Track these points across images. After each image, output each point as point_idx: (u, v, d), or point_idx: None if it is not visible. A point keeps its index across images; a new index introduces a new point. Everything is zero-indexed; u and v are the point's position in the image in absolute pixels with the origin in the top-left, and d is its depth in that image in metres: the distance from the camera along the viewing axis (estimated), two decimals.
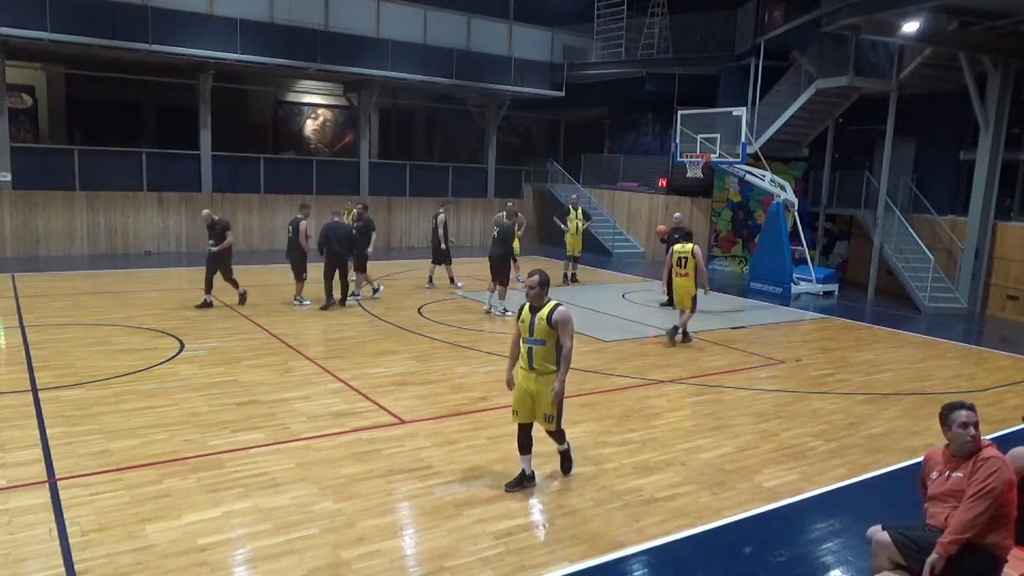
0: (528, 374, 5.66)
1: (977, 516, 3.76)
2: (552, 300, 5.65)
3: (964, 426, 3.91)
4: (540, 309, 5.59)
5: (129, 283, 14.27)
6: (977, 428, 3.91)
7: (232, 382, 8.16)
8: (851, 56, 15.88)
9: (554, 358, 5.61)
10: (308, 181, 21.02)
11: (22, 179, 17.09)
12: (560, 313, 5.53)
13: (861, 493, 6.11)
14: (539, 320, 5.55)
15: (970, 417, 3.92)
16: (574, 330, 5.68)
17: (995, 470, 3.77)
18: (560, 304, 5.59)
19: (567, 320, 5.54)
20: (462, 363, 9.42)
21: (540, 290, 5.62)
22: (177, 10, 17.02)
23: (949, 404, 4.02)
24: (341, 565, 4.55)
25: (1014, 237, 14.92)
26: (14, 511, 5.02)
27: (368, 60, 19.71)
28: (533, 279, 5.64)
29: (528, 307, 5.68)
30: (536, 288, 5.62)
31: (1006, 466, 3.79)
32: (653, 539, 5.09)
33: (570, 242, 16.45)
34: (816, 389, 9.01)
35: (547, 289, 5.71)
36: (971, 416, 3.92)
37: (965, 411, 3.94)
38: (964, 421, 3.92)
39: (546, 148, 28.73)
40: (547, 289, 5.71)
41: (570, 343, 5.56)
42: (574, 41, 23.66)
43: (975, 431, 3.91)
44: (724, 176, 19.21)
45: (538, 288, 5.62)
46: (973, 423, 3.91)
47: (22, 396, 7.40)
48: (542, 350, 5.58)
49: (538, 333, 5.56)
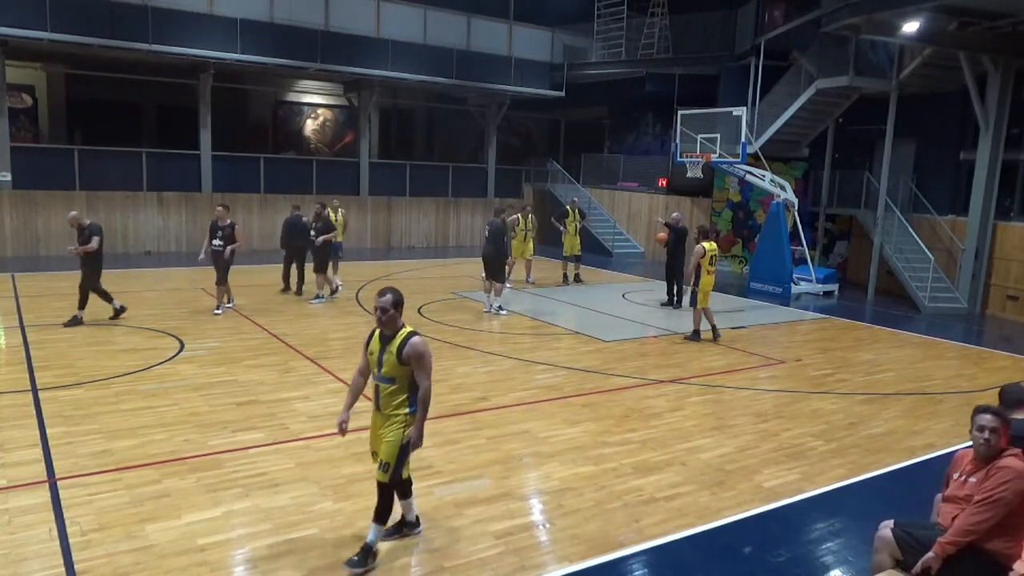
0: (376, 415, 4.66)
1: (979, 522, 3.75)
2: (406, 328, 4.55)
3: (981, 429, 3.91)
4: (392, 338, 4.52)
5: (129, 283, 14.26)
6: (996, 434, 3.89)
7: (232, 382, 8.16)
8: (851, 56, 15.87)
9: (406, 400, 4.55)
10: (308, 181, 21.02)
11: (22, 179, 17.09)
12: (413, 345, 4.44)
13: (861, 493, 6.11)
14: (388, 353, 4.49)
15: (990, 422, 3.91)
16: (431, 365, 4.57)
17: (1007, 480, 3.75)
18: (416, 333, 4.51)
19: (422, 353, 4.47)
20: (462, 363, 9.42)
21: (393, 313, 4.50)
22: (177, 10, 17.02)
23: (979, 406, 4.03)
24: (341, 565, 4.55)
25: (1014, 237, 14.92)
26: (14, 511, 5.02)
27: (368, 60, 19.71)
28: (385, 299, 4.49)
29: (378, 335, 4.61)
30: (389, 311, 4.49)
31: (1021, 478, 3.75)
32: (653, 539, 5.09)
33: (568, 243, 16.45)
34: (816, 389, 9.01)
35: (400, 312, 4.56)
36: (991, 421, 3.91)
37: (988, 416, 3.93)
38: (982, 425, 3.91)
39: (546, 148, 28.73)
40: (400, 312, 4.56)
41: (428, 382, 4.51)
42: (574, 41, 23.66)
43: (990, 436, 3.89)
44: (724, 176, 19.21)
45: (392, 311, 4.50)
46: (991, 428, 3.89)
47: (22, 396, 7.40)
48: (391, 389, 4.54)
49: (387, 368, 4.50)
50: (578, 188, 23.85)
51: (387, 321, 4.50)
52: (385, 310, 4.48)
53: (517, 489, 5.79)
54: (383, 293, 4.52)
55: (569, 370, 9.27)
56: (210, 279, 11.97)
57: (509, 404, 7.84)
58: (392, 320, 4.51)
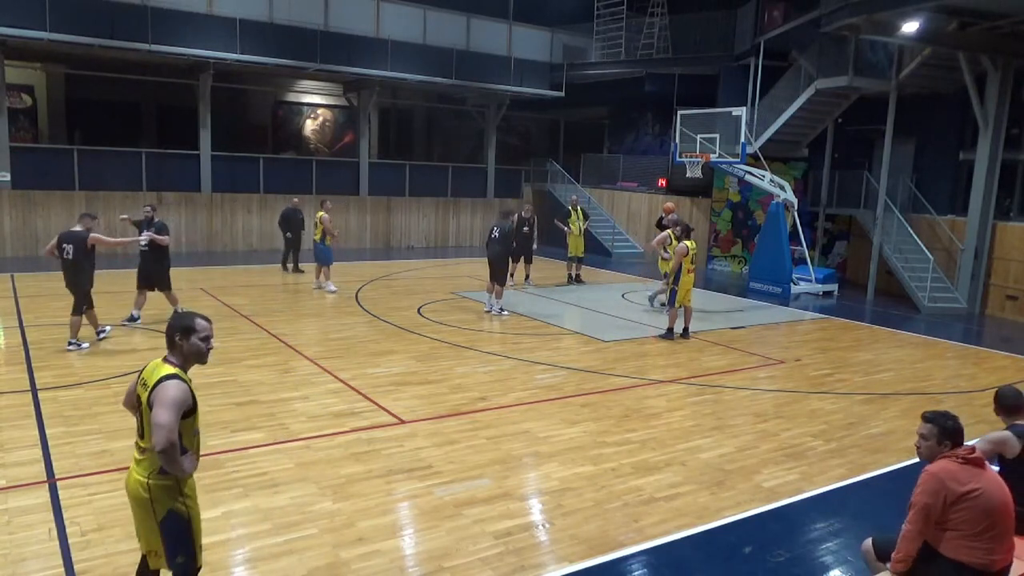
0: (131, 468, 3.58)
1: (907, 532, 3.70)
2: (166, 367, 3.50)
3: (918, 436, 3.87)
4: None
5: (128, 283, 14.23)
6: (926, 440, 3.80)
7: (232, 382, 8.16)
8: (851, 56, 15.87)
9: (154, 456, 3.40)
10: (308, 181, 21.01)
11: (22, 179, 17.08)
12: (160, 390, 3.38)
13: (861, 493, 6.12)
14: (141, 389, 3.53)
15: (920, 428, 3.85)
16: (171, 419, 3.31)
17: (919, 485, 3.69)
18: (173, 377, 3.44)
19: (164, 399, 3.35)
20: (462, 363, 9.42)
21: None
22: (176, 10, 17.00)
23: (923, 413, 3.94)
24: (341, 565, 4.55)
25: (1013, 237, 14.92)
26: (13, 511, 5.02)
27: (368, 60, 19.71)
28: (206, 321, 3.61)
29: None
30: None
31: (933, 479, 3.65)
32: (653, 539, 5.09)
33: (572, 243, 16.41)
34: (815, 389, 9.01)
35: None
36: (920, 428, 3.84)
37: (921, 423, 3.86)
38: (919, 432, 3.86)
39: (546, 148, 28.73)
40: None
41: (163, 436, 3.27)
42: (574, 41, 23.66)
43: (920, 442, 3.84)
44: (724, 176, 19.21)
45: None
46: (920, 434, 3.84)
47: (21, 396, 7.40)
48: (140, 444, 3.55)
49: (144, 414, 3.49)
50: (578, 188, 23.85)
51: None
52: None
53: (517, 489, 5.79)
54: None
55: (569, 370, 9.27)
56: (210, 279, 11.99)
57: (509, 404, 7.84)
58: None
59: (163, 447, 3.28)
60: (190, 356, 3.56)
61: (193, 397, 3.48)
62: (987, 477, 3.70)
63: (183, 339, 3.53)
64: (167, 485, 3.46)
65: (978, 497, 3.60)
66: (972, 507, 3.59)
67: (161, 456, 3.32)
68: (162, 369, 3.48)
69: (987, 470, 3.74)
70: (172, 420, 3.32)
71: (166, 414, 3.31)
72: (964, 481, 3.62)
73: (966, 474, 3.65)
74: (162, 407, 3.32)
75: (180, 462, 3.39)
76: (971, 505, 3.59)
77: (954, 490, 3.61)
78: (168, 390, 3.37)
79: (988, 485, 3.65)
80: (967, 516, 3.59)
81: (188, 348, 3.54)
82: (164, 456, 3.31)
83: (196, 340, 3.54)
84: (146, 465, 3.48)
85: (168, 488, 3.47)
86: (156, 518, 3.47)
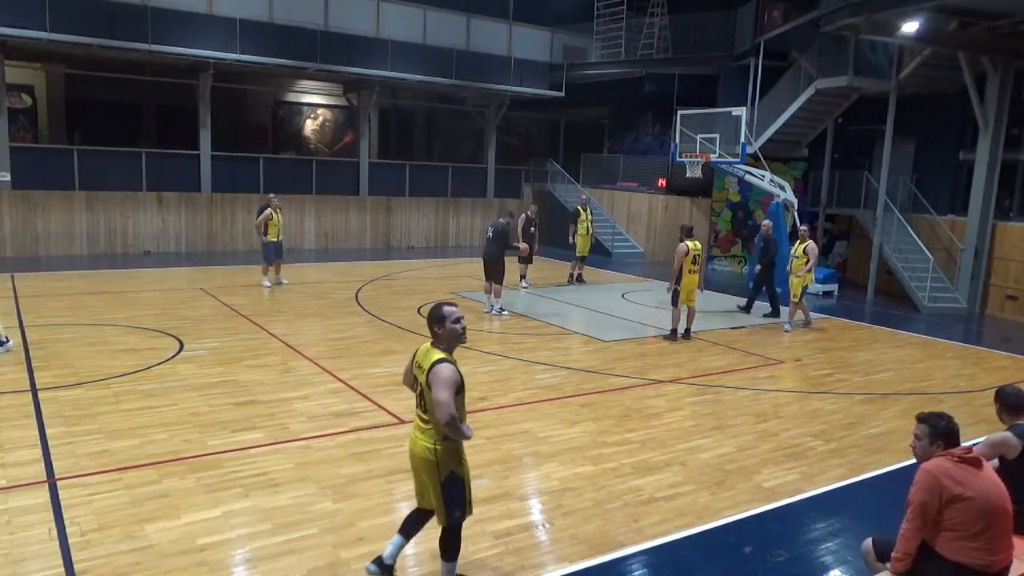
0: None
1: (905, 531, 3.71)
2: (436, 352, 4.15)
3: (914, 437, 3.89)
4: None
5: (128, 283, 14.26)
6: (919, 440, 3.82)
7: (232, 382, 8.16)
8: (851, 56, 15.88)
9: None
10: (308, 181, 21.01)
11: (21, 179, 17.07)
12: (435, 373, 4.01)
13: (860, 493, 6.12)
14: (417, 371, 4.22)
15: (914, 429, 3.87)
16: (448, 396, 3.94)
17: (915, 483, 3.70)
18: (442, 361, 4.06)
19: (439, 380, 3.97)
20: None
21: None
22: (176, 10, 16.99)
23: (918, 414, 3.95)
24: (341, 565, 4.55)
25: (1013, 237, 14.92)
26: (13, 511, 5.01)
27: (368, 60, 19.71)
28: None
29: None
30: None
31: (928, 476, 3.65)
32: (653, 539, 5.09)
33: (580, 243, 16.31)
34: (815, 389, 9.01)
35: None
36: (915, 428, 3.87)
37: (917, 423, 3.88)
38: (914, 432, 3.88)
39: (546, 148, 28.73)
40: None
41: (445, 411, 3.90)
42: (574, 41, 23.66)
43: (914, 443, 3.86)
44: (723, 176, 19.21)
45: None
46: (915, 435, 3.86)
47: (21, 396, 7.40)
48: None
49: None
50: (578, 188, 23.84)
51: None
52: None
53: (517, 489, 5.79)
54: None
55: (569, 370, 9.27)
56: (210, 279, 11.98)
57: (509, 404, 7.84)
58: None
59: (447, 420, 3.89)
60: (451, 340, 4.15)
61: (461, 377, 4.05)
62: (984, 477, 3.69)
63: (439, 328, 4.13)
64: (452, 449, 4.08)
65: (974, 498, 3.59)
66: (968, 508, 3.58)
67: (446, 428, 3.94)
68: (433, 354, 4.09)
69: (984, 470, 3.72)
70: (449, 397, 3.90)
71: (444, 393, 3.90)
72: (960, 480, 3.61)
73: (962, 473, 3.64)
74: (439, 387, 3.91)
75: (462, 430, 3.99)
76: (967, 506, 3.58)
77: (950, 488, 3.60)
78: (441, 372, 3.96)
79: (985, 485, 3.65)
80: (963, 517, 3.59)
81: (446, 333, 4.12)
82: (448, 427, 3.93)
83: (450, 325, 4.12)
84: (431, 434, 4.07)
85: (452, 452, 4.09)
86: (440, 477, 4.07)
